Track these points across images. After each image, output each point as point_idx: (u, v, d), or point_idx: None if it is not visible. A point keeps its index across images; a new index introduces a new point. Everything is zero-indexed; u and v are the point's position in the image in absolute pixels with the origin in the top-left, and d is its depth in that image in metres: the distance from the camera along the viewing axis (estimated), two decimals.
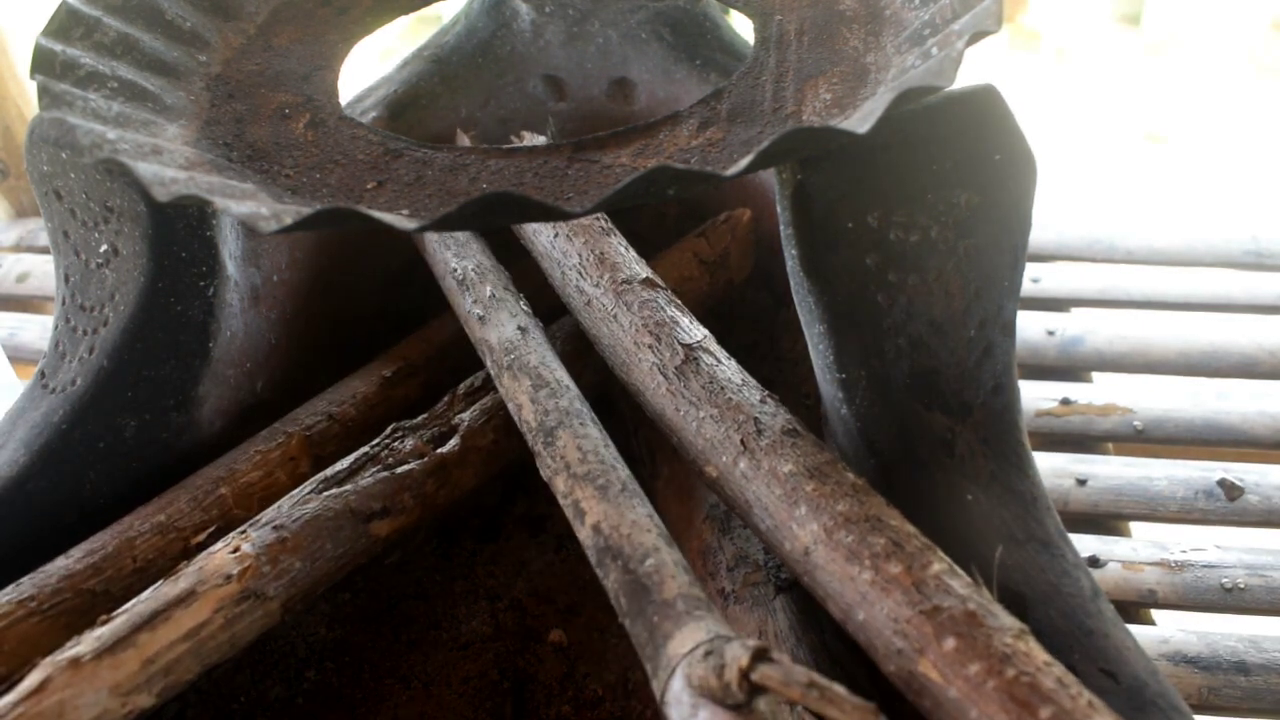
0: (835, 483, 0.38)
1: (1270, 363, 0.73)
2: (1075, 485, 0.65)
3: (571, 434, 0.42)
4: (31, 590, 0.43)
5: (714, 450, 0.42)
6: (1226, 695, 0.54)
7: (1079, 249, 0.85)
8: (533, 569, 0.57)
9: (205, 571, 0.41)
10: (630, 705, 0.50)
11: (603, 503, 0.39)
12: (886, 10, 0.48)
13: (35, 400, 0.48)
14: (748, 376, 0.44)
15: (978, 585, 0.34)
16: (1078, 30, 1.99)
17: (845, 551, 0.35)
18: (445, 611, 0.55)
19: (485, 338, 0.50)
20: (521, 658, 0.53)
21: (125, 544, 0.46)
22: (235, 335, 0.52)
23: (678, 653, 0.32)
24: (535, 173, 0.42)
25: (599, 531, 0.38)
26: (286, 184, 0.43)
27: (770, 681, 0.29)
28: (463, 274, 0.53)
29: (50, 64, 0.45)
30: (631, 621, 0.35)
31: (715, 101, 0.45)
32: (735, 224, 0.62)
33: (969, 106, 0.40)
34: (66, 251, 0.48)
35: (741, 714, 0.30)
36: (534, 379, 0.46)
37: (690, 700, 0.31)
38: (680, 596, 0.35)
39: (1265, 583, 0.59)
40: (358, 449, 0.49)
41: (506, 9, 0.64)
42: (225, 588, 0.41)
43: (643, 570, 0.36)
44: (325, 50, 0.52)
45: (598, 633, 0.54)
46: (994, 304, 0.42)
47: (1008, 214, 0.41)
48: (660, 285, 0.49)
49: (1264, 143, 1.69)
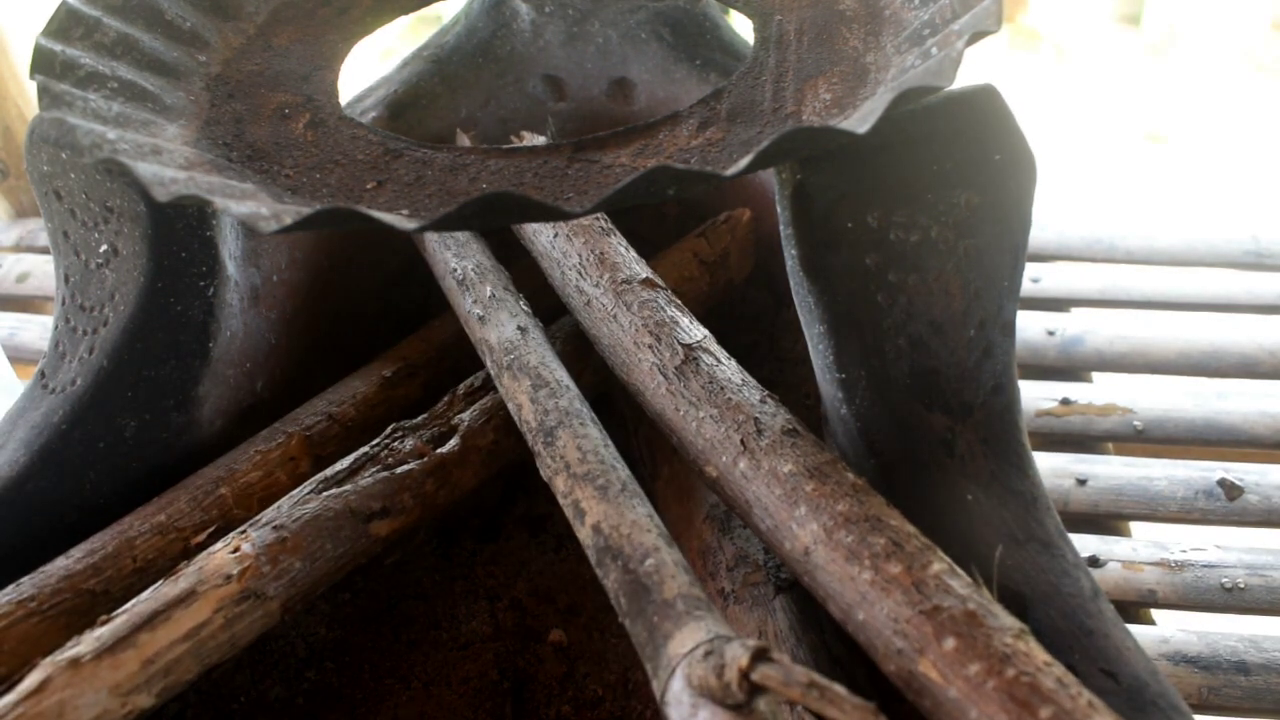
0: (835, 483, 0.38)
1: (1270, 363, 0.73)
2: (1075, 485, 0.65)
3: (571, 434, 0.42)
4: (31, 590, 0.43)
5: (714, 450, 0.42)
6: (1226, 695, 0.54)
7: (1079, 249, 0.85)
8: (533, 569, 0.57)
9: (205, 571, 0.41)
10: (630, 705, 0.50)
11: (603, 503, 0.39)
12: (886, 10, 0.48)
13: (35, 400, 0.48)
14: (748, 376, 0.44)
15: (978, 585, 0.34)
16: (1078, 30, 1.99)
17: (845, 551, 0.35)
18: (445, 611, 0.55)
19: (485, 338, 0.50)
20: (521, 658, 0.53)
21: (125, 544, 0.46)
22: (235, 335, 0.52)
23: (678, 653, 0.32)
24: (535, 173, 0.42)
25: (599, 531, 0.38)
26: (286, 184, 0.43)
27: (770, 681, 0.29)
28: (463, 274, 0.53)
29: (50, 64, 0.45)
30: (631, 621, 0.35)
31: (715, 101, 0.45)
32: (735, 224, 0.62)
33: (969, 106, 0.40)
34: (66, 251, 0.48)
35: (741, 714, 0.30)
36: (534, 379, 0.46)
37: (690, 700, 0.31)
38: (680, 596, 0.35)
39: (1265, 583, 0.59)
40: (358, 449, 0.49)
41: (506, 9, 0.64)
42: (225, 588, 0.41)
43: (643, 570, 0.36)
44: (325, 50, 0.52)
45: (598, 633, 0.54)
46: (994, 304, 0.42)
47: (1008, 214, 0.41)
48: (660, 285, 0.49)
49: (1264, 143, 1.69)
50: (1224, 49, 1.90)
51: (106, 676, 0.38)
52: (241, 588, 0.41)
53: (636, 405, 0.48)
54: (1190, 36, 1.93)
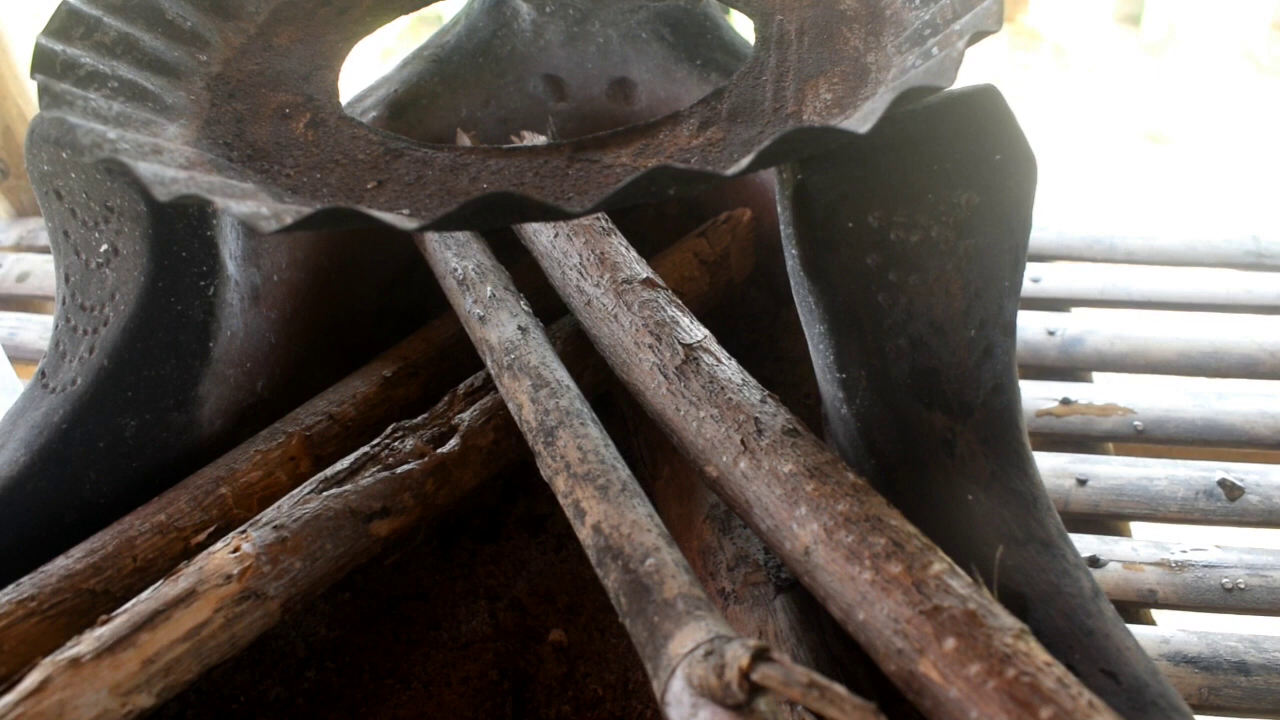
0: (835, 483, 0.38)
1: (1270, 363, 0.73)
2: (1075, 485, 0.65)
3: (572, 434, 0.42)
4: (31, 590, 0.43)
5: (714, 450, 0.42)
6: (1227, 695, 0.54)
7: (1079, 249, 0.85)
8: (533, 569, 0.57)
9: (205, 571, 0.41)
10: (630, 705, 0.50)
11: (603, 503, 0.39)
12: (887, 10, 0.48)
13: (35, 400, 0.48)
14: (748, 376, 0.44)
15: (978, 585, 0.34)
16: (1078, 30, 1.99)
17: (845, 551, 0.35)
18: (445, 611, 0.55)
19: (485, 337, 0.50)
20: (521, 658, 0.53)
21: (125, 544, 0.46)
22: (235, 335, 0.52)
23: (678, 653, 0.32)
24: (535, 173, 0.42)
25: (599, 531, 0.38)
26: (287, 184, 0.43)
27: (771, 681, 0.29)
28: (463, 274, 0.53)
29: (51, 64, 0.45)
30: (632, 621, 0.35)
31: (715, 101, 0.45)
32: (735, 224, 0.62)
33: (969, 106, 0.40)
34: (66, 251, 0.48)
35: (742, 714, 0.30)
36: (534, 379, 0.46)
37: (690, 700, 0.31)
38: (680, 596, 0.35)
39: (1265, 583, 0.59)
40: (358, 449, 0.49)
41: (507, 9, 0.64)
42: (225, 587, 0.41)
43: (643, 570, 0.36)
44: (325, 50, 0.52)
45: (598, 633, 0.54)
46: (994, 304, 0.42)
47: (1008, 214, 0.41)
48: (660, 285, 0.49)
49: (1264, 143, 1.69)
50: (1224, 49, 1.90)
51: (106, 676, 0.38)
52: (242, 587, 0.41)
53: (637, 405, 0.48)
54: (1190, 36, 1.93)
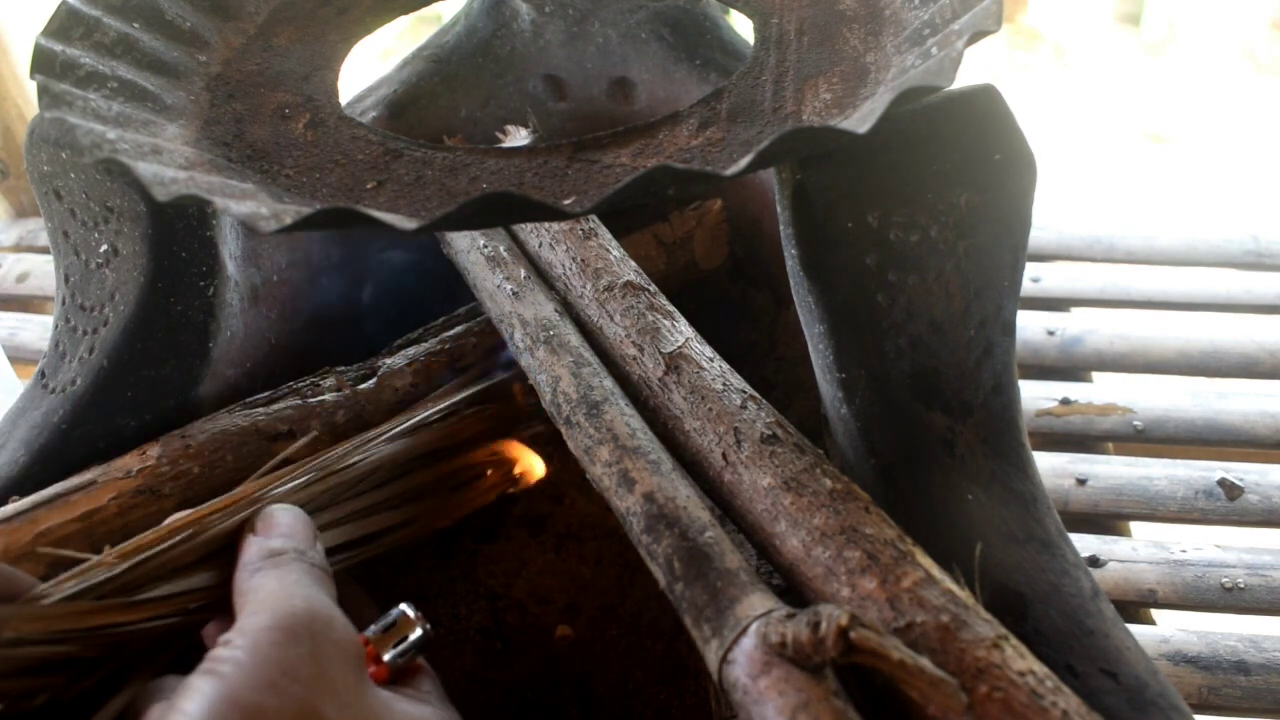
0: (812, 493, 0.38)
1: (1270, 363, 0.73)
2: (1075, 485, 0.65)
3: (619, 411, 0.43)
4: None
5: (699, 465, 0.42)
6: (1226, 695, 0.54)
7: (1079, 249, 0.85)
8: (533, 569, 0.57)
9: (111, 467, 0.46)
10: (631, 705, 0.50)
11: (655, 475, 0.39)
12: (886, 10, 0.48)
13: (35, 400, 0.48)
14: (730, 379, 0.44)
15: (960, 586, 0.34)
16: (1078, 30, 1.99)
17: (823, 569, 0.36)
18: (445, 611, 0.55)
19: (518, 311, 0.49)
20: (522, 658, 0.53)
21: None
22: (235, 335, 0.52)
23: (748, 614, 0.33)
24: (535, 173, 0.42)
25: (652, 500, 0.38)
26: (286, 184, 0.43)
27: (869, 643, 0.30)
28: (494, 251, 0.53)
29: (50, 64, 0.45)
30: (687, 585, 0.35)
31: (715, 101, 0.45)
32: (704, 212, 0.63)
33: (969, 106, 0.40)
34: (66, 251, 0.48)
35: (816, 679, 0.31)
36: (576, 358, 0.46)
37: (763, 658, 0.32)
38: (743, 570, 0.35)
39: (1265, 582, 0.59)
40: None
41: (506, 9, 0.64)
42: (124, 480, 0.46)
43: (703, 540, 0.36)
44: (325, 50, 0.52)
45: (598, 633, 0.54)
46: (994, 304, 0.42)
47: (1008, 214, 0.41)
48: (643, 287, 0.49)
49: (1264, 142, 1.69)
50: (1224, 49, 1.90)
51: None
52: (138, 483, 0.45)
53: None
54: (1190, 36, 1.93)
